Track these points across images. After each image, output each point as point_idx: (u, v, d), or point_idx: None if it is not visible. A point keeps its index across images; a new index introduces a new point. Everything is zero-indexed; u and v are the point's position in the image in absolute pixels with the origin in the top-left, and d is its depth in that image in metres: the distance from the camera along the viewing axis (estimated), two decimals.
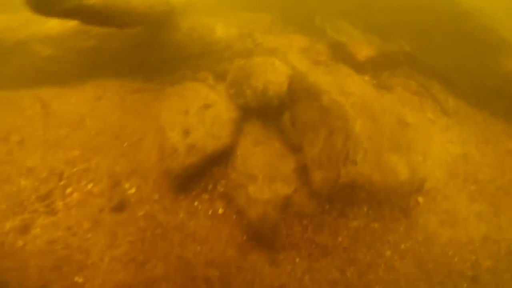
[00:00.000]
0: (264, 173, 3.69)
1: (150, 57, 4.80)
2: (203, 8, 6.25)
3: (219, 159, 3.85)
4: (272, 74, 4.34)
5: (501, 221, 3.59)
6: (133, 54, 4.63)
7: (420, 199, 3.71)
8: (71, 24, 4.64)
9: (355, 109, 3.81)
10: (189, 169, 3.60)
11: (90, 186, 3.44)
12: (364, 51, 4.83)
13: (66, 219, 3.15)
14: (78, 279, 2.80)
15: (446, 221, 3.54)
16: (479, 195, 3.81)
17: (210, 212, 3.45)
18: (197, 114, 4.19)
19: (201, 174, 3.70)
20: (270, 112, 4.27)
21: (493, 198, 3.79)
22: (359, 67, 4.87)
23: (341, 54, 5.13)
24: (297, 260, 3.18)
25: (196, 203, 3.50)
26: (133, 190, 3.47)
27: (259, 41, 5.39)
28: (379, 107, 3.95)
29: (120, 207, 3.33)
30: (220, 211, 3.47)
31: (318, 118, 3.96)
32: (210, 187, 3.66)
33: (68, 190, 3.38)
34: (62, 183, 3.43)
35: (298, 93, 4.26)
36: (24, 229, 3.04)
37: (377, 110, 3.93)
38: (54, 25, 4.79)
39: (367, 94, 4.02)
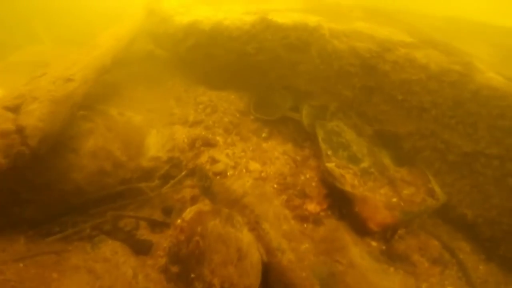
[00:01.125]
0: None
1: (36, 202, 2.85)
2: (140, 84, 4.14)
3: None
4: (236, 269, 2.55)
5: None
6: (9, 199, 2.70)
7: None
8: None
9: None
10: None
11: None
12: (379, 216, 3.12)
13: None
14: None
15: None
16: None
17: None
18: None
19: None
20: None
21: None
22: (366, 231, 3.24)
23: (340, 206, 3.39)
24: None
25: None
26: None
27: (220, 165, 3.50)
28: None
29: None
30: None
31: None
32: None
33: None
34: None
35: None
36: None
37: None
38: None
39: None
